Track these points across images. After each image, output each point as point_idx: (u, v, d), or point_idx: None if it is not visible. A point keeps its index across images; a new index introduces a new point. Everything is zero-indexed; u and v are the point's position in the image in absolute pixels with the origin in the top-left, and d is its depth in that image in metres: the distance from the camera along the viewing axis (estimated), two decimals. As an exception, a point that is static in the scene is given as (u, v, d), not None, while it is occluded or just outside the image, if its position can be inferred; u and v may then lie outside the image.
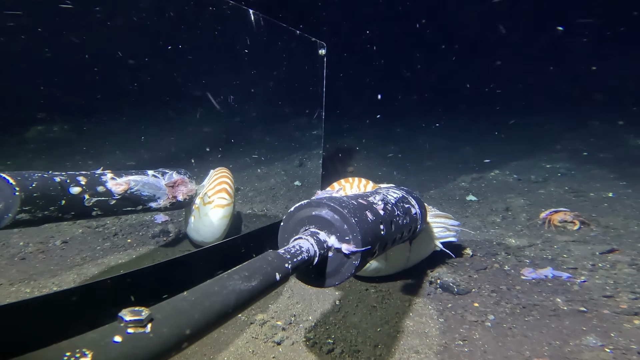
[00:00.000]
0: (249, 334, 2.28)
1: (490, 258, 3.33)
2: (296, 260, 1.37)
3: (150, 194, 3.01)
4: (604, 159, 6.74)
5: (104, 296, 2.04)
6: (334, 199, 1.63)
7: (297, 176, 6.04)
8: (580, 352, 2.06)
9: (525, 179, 6.01)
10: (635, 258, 3.12)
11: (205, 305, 1.02)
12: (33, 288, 2.66)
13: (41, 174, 2.36)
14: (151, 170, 3.15)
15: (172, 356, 0.93)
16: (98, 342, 0.79)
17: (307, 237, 1.50)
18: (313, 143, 5.53)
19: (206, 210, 3.30)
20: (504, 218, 4.40)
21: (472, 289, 2.81)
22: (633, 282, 2.75)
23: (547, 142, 8.41)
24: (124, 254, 3.27)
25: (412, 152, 8.78)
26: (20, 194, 2.17)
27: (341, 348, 2.15)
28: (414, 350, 2.15)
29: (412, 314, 2.53)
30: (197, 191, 3.45)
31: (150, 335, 0.86)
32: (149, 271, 2.25)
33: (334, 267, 1.57)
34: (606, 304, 2.52)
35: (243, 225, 4.08)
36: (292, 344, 2.20)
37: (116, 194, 2.73)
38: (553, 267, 3.02)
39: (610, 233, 3.74)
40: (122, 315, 0.86)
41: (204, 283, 1.12)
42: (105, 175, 2.74)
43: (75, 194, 2.47)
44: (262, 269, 1.24)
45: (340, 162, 7.60)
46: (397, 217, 2.09)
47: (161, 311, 0.93)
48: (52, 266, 3.01)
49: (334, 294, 2.74)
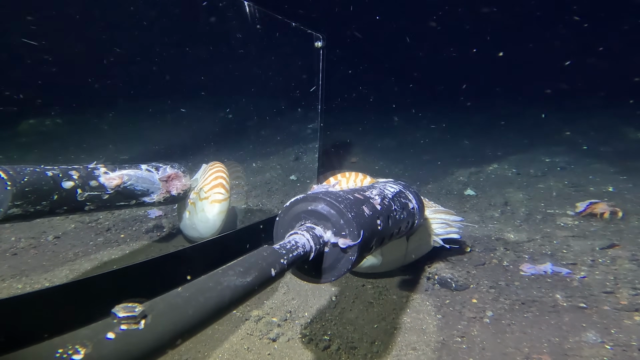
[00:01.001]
0: (244, 331, 2.28)
1: (489, 253, 3.34)
2: (292, 255, 1.37)
3: (144, 188, 3.00)
4: (604, 153, 6.75)
5: (97, 292, 2.04)
6: (330, 194, 1.63)
7: (293, 170, 6.03)
8: (580, 349, 2.07)
9: (525, 173, 6.02)
10: (635, 253, 3.12)
11: (199, 301, 1.02)
12: (25, 284, 2.66)
13: (33, 168, 2.35)
14: (145, 164, 3.14)
15: (166, 353, 0.93)
16: (91, 338, 0.79)
17: (303, 232, 1.50)
18: (309, 137, 5.52)
19: (202, 205, 3.28)
20: (503, 212, 4.41)
21: (471, 284, 2.82)
22: (633, 277, 2.76)
23: (546, 135, 8.42)
24: (117, 250, 3.27)
25: (410, 146, 8.78)
26: (11, 188, 2.16)
27: (337, 344, 2.16)
28: (411, 347, 2.16)
29: (410, 310, 2.54)
30: (192, 185, 3.44)
31: (144, 331, 0.86)
32: (142, 267, 2.25)
33: (330, 262, 1.57)
34: (606, 300, 2.53)
35: (238, 221, 4.08)
36: (287, 341, 2.21)
37: (109, 189, 2.73)
38: (552, 263, 3.02)
39: (611, 228, 3.75)
40: (115, 311, 0.86)
41: (198, 279, 1.12)
42: (99, 170, 2.73)
43: (67, 189, 2.46)
44: (258, 265, 1.24)
45: (336, 156, 7.60)
46: (395, 211, 2.09)
47: (155, 307, 0.93)
48: (44, 262, 3.00)
49: (331, 290, 2.75)
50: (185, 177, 3.33)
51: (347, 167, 6.89)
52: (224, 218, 3.35)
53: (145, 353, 0.86)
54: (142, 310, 0.88)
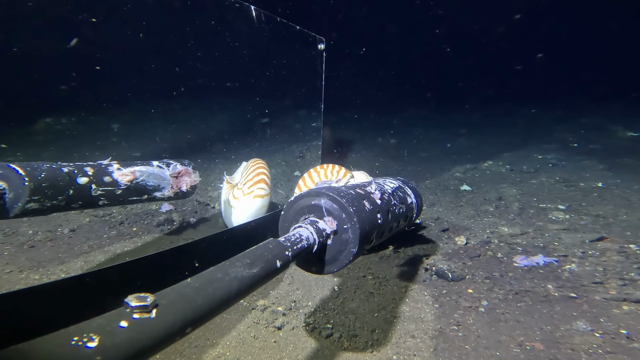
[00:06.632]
0: (251, 319, 2.28)
1: (484, 246, 3.33)
2: (296, 248, 1.37)
3: (155, 184, 3.01)
4: (594, 150, 6.74)
5: (110, 283, 2.04)
6: (332, 189, 1.63)
7: (297, 167, 6.03)
8: (570, 337, 2.06)
9: (518, 170, 6.00)
10: (623, 245, 3.12)
11: (208, 291, 1.02)
12: (42, 275, 2.66)
13: (49, 165, 2.35)
14: (156, 161, 3.15)
15: (176, 341, 0.93)
16: (105, 327, 0.79)
17: (307, 226, 1.51)
18: (312, 135, 5.52)
19: (246, 200, 3.36)
20: (497, 207, 4.40)
21: (466, 275, 2.82)
22: (622, 269, 2.75)
23: (538, 133, 8.41)
24: (130, 242, 3.27)
25: (409, 143, 8.77)
26: (29, 184, 2.16)
27: (340, 333, 2.16)
28: (410, 335, 2.16)
29: (408, 300, 2.54)
30: (232, 181, 3.56)
31: (155, 320, 0.86)
32: (154, 258, 2.25)
33: (332, 254, 1.58)
34: (596, 290, 2.52)
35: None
36: (292, 329, 2.21)
37: (122, 184, 2.73)
38: (544, 255, 3.02)
39: (600, 221, 3.74)
40: (128, 301, 0.86)
41: (207, 270, 1.12)
42: (112, 166, 2.74)
43: (82, 184, 2.46)
44: (264, 257, 1.24)
45: (338, 152, 7.59)
46: (394, 206, 2.09)
47: (166, 297, 0.93)
48: (60, 254, 3.00)
49: (333, 281, 2.74)
50: (195, 173, 3.34)
51: (348, 162, 6.88)
52: (266, 212, 3.44)
53: (157, 341, 0.86)
54: (153, 299, 0.88)
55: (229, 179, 3.67)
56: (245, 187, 3.37)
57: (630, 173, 5.25)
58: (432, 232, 3.73)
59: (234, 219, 3.39)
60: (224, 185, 3.67)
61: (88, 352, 0.74)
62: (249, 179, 3.41)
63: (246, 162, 3.76)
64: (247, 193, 3.34)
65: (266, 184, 3.42)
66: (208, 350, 2.02)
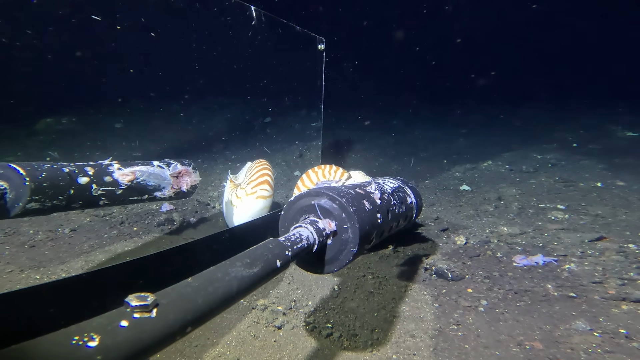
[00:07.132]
0: (251, 319, 2.28)
1: (483, 245, 3.33)
2: (296, 247, 1.37)
3: (156, 183, 3.01)
4: (593, 150, 6.73)
5: (110, 282, 2.04)
6: (332, 189, 1.63)
7: (297, 166, 6.03)
8: (570, 336, 2.06)
9: (517, 170, 6.00)
10: (622, 245, 3.12)
11: (208, 291, 1.02)
12: (42, 274, 2.66)
13: (50, 165, 2.35)
14: (156, 161, 3.15)
15: (176, 340, 0.93)
16: (105, 326, 0.79)
17: (307, 226, 1.51)
18: (312, 135, 5.52)
19: (249, 200, 3.36)
20: (497, 207, 4.39)
21: (466, 275, 2.82)
22: (621, 268, 2.75)
23: (538, 134, 8.40)
24: (130, 242, 3.27)
25: (408, 143, 8.76)
26: (30, 183, 2.16)
27: (339, 332, 2.16)
28: (409, 335, 2.16)
29: (408, 300, 2.53)
30: (236, 181, 3.57)
31: (156, 320, 0.86)
32: (154, 258, 2.25)
33: (332, 254, 1.57)
34: (595, 290, 2.52)
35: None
36: (292, 328, 2.21)
37: (123, 184, 2.73)
38: (543, 254, 3.02)
39: (599, 221, 3.74)
40: (128, 300, 0.86)
41: (207, 270, 1.12)
42: (112, 166, 2.74)
43: (83, 184, 2.46)
44: (264, 256, 1.24)
45: (338, 152, 7.59)
46: (394, 206, 2.09)
47: (166, 297, 0.93)
48: (60, 253, 3.00)
49: (333, 280, 2.74)
50: (195, 173, 3.34)
51: (348, 162, 6.88)
52: (268, 213, 3.43)
53: (157, 340, 0.86)
54: (154, 299, 0.88)
55: (233, 178, 3.67)
56: (249, 187, 3.37)
57: (630, 173, 5.25)
58: (431, 232, 3.73)
59: (236, 218, 3.39)
60: (227, 184, 3.67)
61: (89, 351, 0.74)
62: (253, 179, 3.41)
63: (251, 162, 3.77)
64: (250, 193, 3.35)
65: (269, 186, 3.42)
66: (208, 349, 2.02)
